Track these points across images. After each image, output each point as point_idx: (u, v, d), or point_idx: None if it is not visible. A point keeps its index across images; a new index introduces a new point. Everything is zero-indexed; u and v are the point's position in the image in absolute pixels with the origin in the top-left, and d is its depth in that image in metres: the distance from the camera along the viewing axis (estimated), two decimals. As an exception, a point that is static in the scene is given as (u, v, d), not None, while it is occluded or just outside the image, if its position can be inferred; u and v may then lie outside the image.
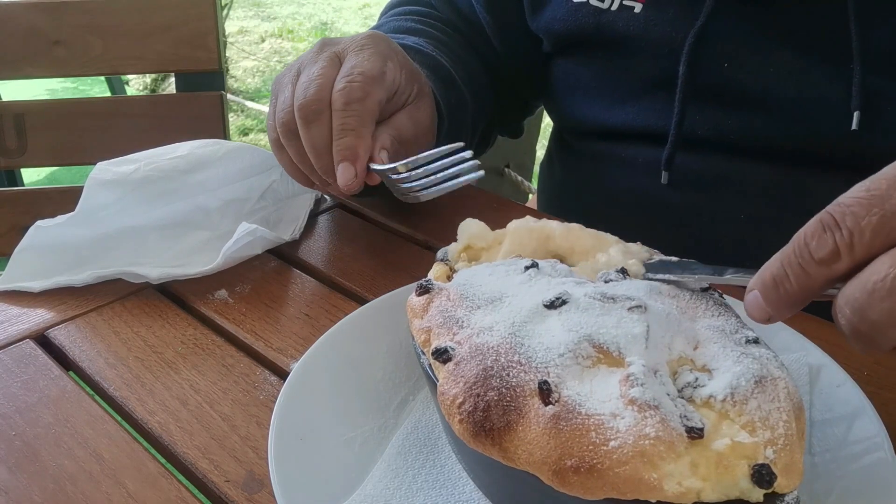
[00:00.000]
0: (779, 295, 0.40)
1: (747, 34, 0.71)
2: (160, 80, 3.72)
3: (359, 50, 0.65)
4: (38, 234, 0.67)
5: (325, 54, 0.65)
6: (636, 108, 0.78)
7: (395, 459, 0.47)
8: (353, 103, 0.62)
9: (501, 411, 0.38)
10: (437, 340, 0.43)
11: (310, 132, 0.62)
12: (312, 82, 0.63)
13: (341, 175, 0.62)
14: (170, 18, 1.22)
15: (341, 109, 0.61)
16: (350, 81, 0.62)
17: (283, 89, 0.65)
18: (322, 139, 0.62)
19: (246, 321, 0.62)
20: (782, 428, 0.37)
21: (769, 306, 0.41)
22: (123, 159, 0.71)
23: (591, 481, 0.35)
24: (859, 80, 0.66)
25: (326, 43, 0.67)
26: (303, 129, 0.62)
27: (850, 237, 0.37)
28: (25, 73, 1.22)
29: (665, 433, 0.35)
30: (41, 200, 1.28)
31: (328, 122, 0.62)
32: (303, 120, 0.62)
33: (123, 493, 0.47)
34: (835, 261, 0.38)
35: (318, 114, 0.62)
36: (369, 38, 0.67)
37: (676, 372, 0.40)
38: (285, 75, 0.67)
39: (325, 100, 0.62)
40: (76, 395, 0.55)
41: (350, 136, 0.62)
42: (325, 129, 0.62)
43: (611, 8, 0.76)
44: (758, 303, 0.41)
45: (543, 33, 0.84)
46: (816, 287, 0.39)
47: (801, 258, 0.39)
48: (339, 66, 0.64)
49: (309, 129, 0.62)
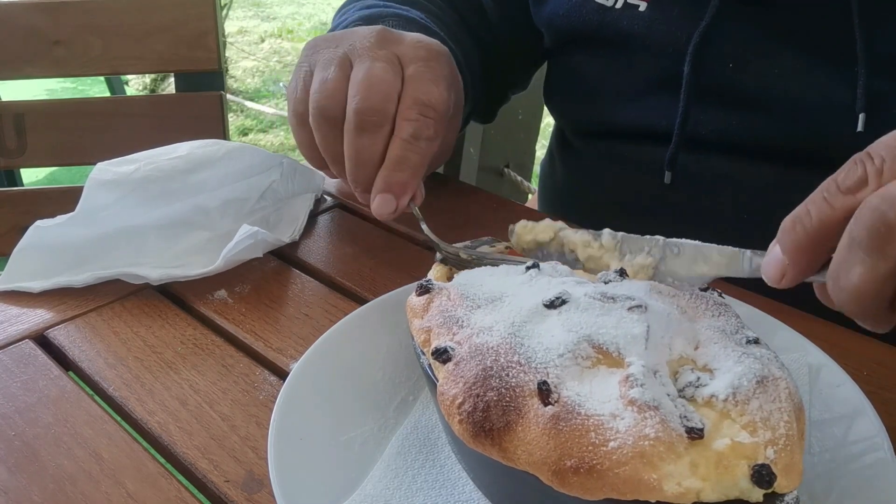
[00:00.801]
0: (796, 235, 0.40)
1: (752, 35, 0.71)
2: (160, 80, 3.72)
3: (425, 66, 0.60)
4: (37, 234, 0.67)
5: (386, 52, 0.60)
6: (639, 107, 0.78)
7: (394, 459, 0.47)
8: (421, 140, 0.59)
9: (501, 411, 0.38)
10: (436, 340, 0.43)
11: (360, 140, 0.58)
12: (375, 86, 0.58)
13: (381, 206, 0.59)
14: (169, 18, 1.22)
15: (407, 140, 0.58)
16: (423, 115, 0.59)
17: (326, 65, 0.60)
18: (371, 153, 0.59)
19: (245, 321, 0.62)
20: (783, 428, 0.37)
21: (785, 253, 0.40)
22: (123, 159, 0.71)
23: (590, 482, 0.35)
24: (864, 82, 0.66)
25: (387, 37, 0.62)
26: (353, 133, 0.58)
27: (882, 163, 0.37)
28: (25, 73, 1.22)
29: (664, 434, 0.35)
30: (41, 200, 1.28)
31: (384, 139, 0.59)
32: (357, 125, 0.58)
33: (123, 493, 0.47)
34: (861, 188, 0.38)
35: (378, 127, 0.58)
36: (435, 54, 0.62)
37: (677, 372, 0.40)
38: (325, 47, 0.62)
39: (388, 113, 0.58)
40: (76, 396, 0.55)
41: (407, 173, 0.59)
42: (378, 143, 0.59)
43: (615, 6, 0.76)
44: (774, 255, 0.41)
45: (545, 26, 0.83)
46: (835, 224, 0.38)
47: (826, 192, 0.39)
48: (400, 72, 0.60)
49: (360, 137, 0.58)
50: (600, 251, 0.54)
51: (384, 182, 0.59)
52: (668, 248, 0.52)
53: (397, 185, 0.59)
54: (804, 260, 0.40)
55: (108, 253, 0.68)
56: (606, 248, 0.54)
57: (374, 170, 0.60)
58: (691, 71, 0.71)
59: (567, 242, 0.55)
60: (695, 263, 0.50)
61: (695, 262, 0.50)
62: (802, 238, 0.40)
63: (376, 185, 0.59)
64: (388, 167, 0.59)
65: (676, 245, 0.52)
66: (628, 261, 0.53)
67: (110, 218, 0.69)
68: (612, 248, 0.53)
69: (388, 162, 0.59)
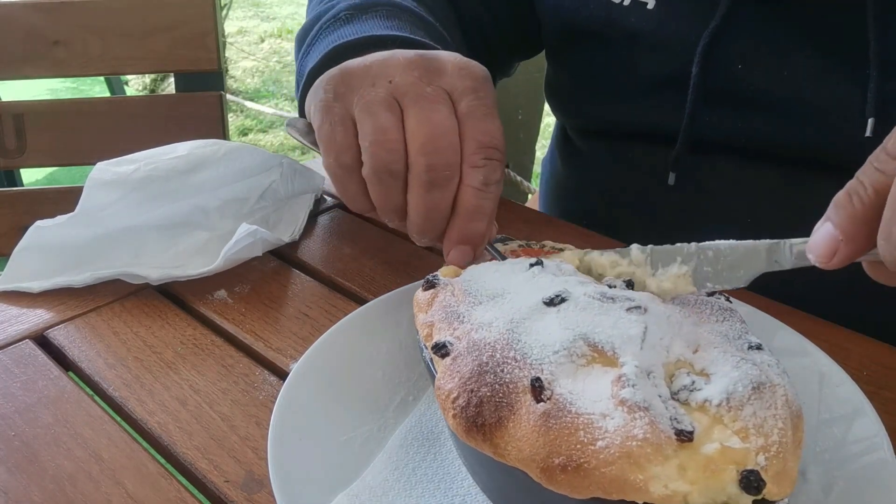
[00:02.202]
0: (852, 208, 0.39)
1: (763, 35, 0.69)
2: (159, 80, 3.72)
3: (476, 99, 0.57)
4: (37, 234, 0.67)
5: (434, 89, 0.56)
6: (645, 106, 0.77)
7: (396, 452, 0.47)
8: (491, 185, 0.56)
9: (493, 407, 0.38)
10: (437, 335, 0.44)
11: (432, 196, 0.55)
12: (441, 138, 0.54)
13: (458, 256, 0.56)
14: (169, 18, 1.22)
15: (478, 188, 0.55)
16: (489, 158, 0.55)
17: (371, 109, 0.55)
18: (444, 207, 0.56)
19: (245, 321, 0.62)
20: (777, 435, 0.36)
21: (839, 229, 0.39)
22: (123, 159, 0.71)
23: (577, 480, 0.35)
24: (876, 85, 0.64)
25: (428, 67, 0.58)
26: (424, 189, 0.55)
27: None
28: (25, 73, 1.22)
29: (653, 435, 0.35)
30: (41, 200, 1.28)
31: (454, 189, 0.55)
32: (430, 182, 0.54)
33: (123, 493, 0.47)
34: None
35: (449, 180, 0.55)
36: (482, 80, 0.58)
37: (673, 375, 0.40)
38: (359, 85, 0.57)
39: (457, 165, 0.55)
40: (75, 396, 0.55)
41: (483, 221, 0.56)
42: (450, 196, 0.55)
43: (622, 3, 0.74)
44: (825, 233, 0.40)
45: (550, 17, 0.82)
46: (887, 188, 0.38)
47: (875, 161, 0.39)
48: (454, 111, 0.56)
49: (432, 193, 0.55)
50: (630, 268, 0.52)
51: (460, 234, 0.56)
52: (701, 252, 0.50)
53: (475, 235, 0.56)
54: (860, 233, 0.39)
55: (108, 253, 0.68)
56: (636, 263, 0.52)
57: (446, 222, 0.57)
58: (700, 71, 0.70)
59: (595, 266, 0.53)
60: (734, 264, 0.48)
61: (733, 262, 0.49)
62: (859, 210, 0.39)
63: (451, 236, 0.56)
64: (464, 218, 0.56)
65: (710, 248, 0.50)
66: (662, 273, 0.51)
67: (110, 218, 0.69)
68: (643, 262, 0.51)
69: (463, 213, 0.56)
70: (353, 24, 0.69)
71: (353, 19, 0.70)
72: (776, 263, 0.47)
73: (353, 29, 0.69)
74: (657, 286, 0.50)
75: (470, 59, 0.60)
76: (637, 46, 0.74)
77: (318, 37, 0.71)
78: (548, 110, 0.94)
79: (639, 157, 0.79)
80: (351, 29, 0.69)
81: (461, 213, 0.56)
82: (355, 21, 0.70)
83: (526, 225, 0.76)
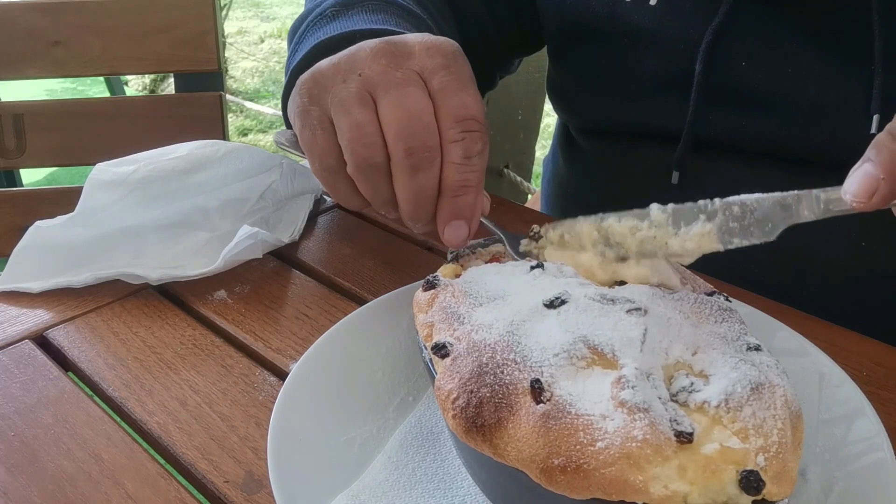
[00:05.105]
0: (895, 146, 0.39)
1: (766, 33, 0.69)
2: (159, 80, 3.72)
3: (448, 74, 0.56)
4: (37, 234, 0.67)
5: (404, 72, 0.56)
6: (647, 105, 0.76)
7: (396, 452, 0.47)
8: (474, 157, 0.55)
9: (493, 408, 0.38)
10: (437, 336, 0.44)
11: (416, 180, 0.54)
12: (415, 120, 0.54)
13: (454, 234, 0.55)
14: (169, 19, 1.22)
15: (460, 163, 0.54)
16: (467, 130, 0.54)
17: (345, 105, 0.55)
18: (431, 189, 0.55)
19: (245, 322, 0.62)
20: (776, 436, 0.36)
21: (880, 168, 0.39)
22: (123, 160, 0.71)
23: (577, 481, 0.35)
24: (880, 82, 0.64)
25: (394, 51, 0.57)
26: (408, 175, 0.54)
27: None
28: (25, 73, 1.22)
29: (653, 436, 0.35)
30: (41, 201, 1.28)
31: (438, 169, 0.55)
32: (412, 167, 0.54)
33: (122, 493, 0.47)
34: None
35: (431, 161, 0.54)
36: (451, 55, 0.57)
37: (673, 376, 0.40)
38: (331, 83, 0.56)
39: (436, 144, 0.54)
40: (75, 396, 0.55)
41: (471, 195, 0.55)
42: (434, 176, 0.55)
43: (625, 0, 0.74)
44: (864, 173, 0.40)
45: (552, 14, 0.81)
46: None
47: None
48: (426, 90, 0.56)
49: (416, 177, 0.54)
50: (651, 231, 0.50)
51: (450, 211, 0.55)
52: (726, 208, 0.48)
53: (465, 209, 0.55)
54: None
55: (108, 253, 0.68)
56: (657, 224, 0.50)
57: (434, 203, 0.56)
58: (703, 69, 0.70)
59: (613, 234, 0.51)
60: (761, 218, 0.47)
61: (761, 217, 0.47)
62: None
63: (442, 216, 0.56)
64: (450, 194, 0.55)
65: (735, 203, 0.48)
66: (685, 232, 0.48)
67: (110, 218, 0.69)
68: (664, 222, 0.49)
69: (448, 189, 0.55)
70: (338, 21, 0.69)
71: (338, 15, 0.69)
72: (806, 214, 0.46)
73: (338, 25, 0.68)
74: (680, 246, 0.48)
75: (438, 37, 0.59)
76: (640, 44, 0.74)
77: (305, 35, 0.71)
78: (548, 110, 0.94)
79: (642, 155, 0.79)
80: (336, 25, 0.68)
81: (447, 190, 0.55)
82: (341, 17, 0.69)
83: (526, 225, 0.76)
